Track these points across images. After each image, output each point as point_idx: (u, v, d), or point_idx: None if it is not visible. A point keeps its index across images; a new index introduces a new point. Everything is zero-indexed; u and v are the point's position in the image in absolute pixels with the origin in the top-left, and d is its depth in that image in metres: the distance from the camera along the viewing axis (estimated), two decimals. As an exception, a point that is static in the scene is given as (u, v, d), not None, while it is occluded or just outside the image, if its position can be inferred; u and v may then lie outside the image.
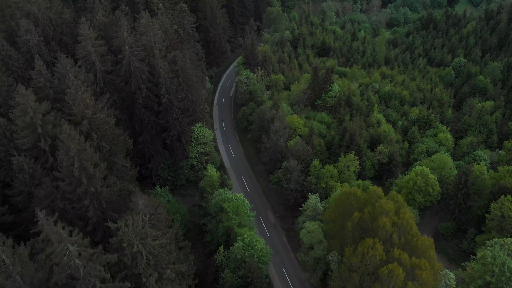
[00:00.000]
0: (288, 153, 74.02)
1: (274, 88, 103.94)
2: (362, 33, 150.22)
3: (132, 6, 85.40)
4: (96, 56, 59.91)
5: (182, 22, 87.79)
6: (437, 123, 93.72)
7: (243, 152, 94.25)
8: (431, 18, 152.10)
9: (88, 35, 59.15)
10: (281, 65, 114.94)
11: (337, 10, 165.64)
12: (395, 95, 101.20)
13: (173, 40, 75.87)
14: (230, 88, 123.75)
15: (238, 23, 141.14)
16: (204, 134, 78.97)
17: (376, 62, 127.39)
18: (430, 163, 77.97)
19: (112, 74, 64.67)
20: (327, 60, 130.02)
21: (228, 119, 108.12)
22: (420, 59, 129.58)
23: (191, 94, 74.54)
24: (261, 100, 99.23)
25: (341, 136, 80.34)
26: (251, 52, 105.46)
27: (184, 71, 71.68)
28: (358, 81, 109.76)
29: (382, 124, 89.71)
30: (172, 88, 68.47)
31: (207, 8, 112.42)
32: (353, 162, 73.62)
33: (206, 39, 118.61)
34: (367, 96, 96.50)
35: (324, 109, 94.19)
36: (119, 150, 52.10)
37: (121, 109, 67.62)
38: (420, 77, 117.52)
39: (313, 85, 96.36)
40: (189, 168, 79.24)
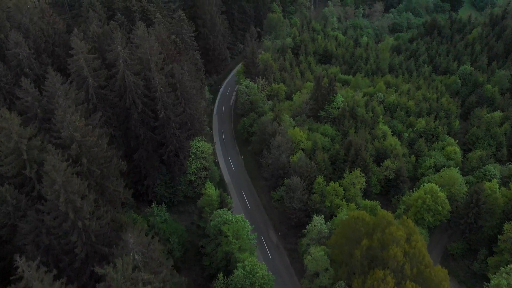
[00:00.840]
0: (290, 169, 70.79)
1: (275, 98, 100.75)
2: (365, 39, 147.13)
3: (128, 15, 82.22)
4: (88, 71, 56.68)
5: (180, 31, 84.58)
6: (444, 135, 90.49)
7: (243, 164, 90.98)
8: (435, 23, 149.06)
9: (80, 49, 55.95)
10: (283, 74, 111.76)
11: (339, 15, 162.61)
12: (400, 105, 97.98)
13: (171, 51, 72.67)
14: (230, 96, 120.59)
15: (238, 29, 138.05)
16: (203, 149, 75.69)
17: (380, 69, 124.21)
18: (439, 179, 74.75)
19: (106, 89, 61.43)
20: (330, 67, 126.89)
21: (228, 129, 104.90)
22: (424, 67, 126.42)
23: (189, 107, 71.32)
24: (262, 110, 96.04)
25: (346, 150, 77.08)
26: (252, 61, 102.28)
27: (182, 84, 68.49)
28: (362, 90, 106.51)
29: (388, 136, 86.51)
30: (169, 102, 65.24)
31: (207, 16, 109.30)
32: (359, 179, 70.34)
33: (206, 46, 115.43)
34: (371, 106, 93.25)
35: (328, 120, 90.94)
36: (112, 173, 48.84)
37: (115, 125, 64.38)
38: (426, 86, 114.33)
39: (315, 95, 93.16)
40: (187, 184, 75.91)
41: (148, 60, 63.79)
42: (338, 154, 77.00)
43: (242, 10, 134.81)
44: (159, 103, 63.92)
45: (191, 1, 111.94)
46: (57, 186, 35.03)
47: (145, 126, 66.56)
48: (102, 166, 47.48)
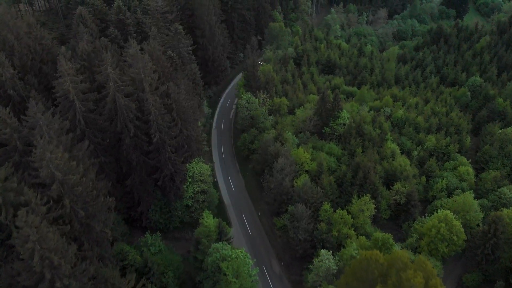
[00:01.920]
0: (294, 194, 66.10)
1: (277, 113, 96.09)
2: (369, 48, 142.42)
3: (122, 28, 77.62)
4: (75, 95, 52.02)
5: (177, 45, 80.00)
6: (456, 154, 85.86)
7: (244, 184, 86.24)
8: (441, 31, 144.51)
9: (66, 71, 51.31)
10: (285, 86, 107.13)
11: (342, 22, 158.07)
12: (409, 121, 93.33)
13: (166, 69, 68.06)
14: (230, 109, 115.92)
15: (239, 38, 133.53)
16: (201, 171, 70.95)
17: (385, 80, 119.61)
18: (453, 205, 70.17)
19: (95, 112, 56.75)
20: (333, 78, 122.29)
21: (227, 145, 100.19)
22: (432, 77, 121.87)
23: (186, 128, 66.67)
24: (263, 126, 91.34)
25: (353, 173, 72.42)
26: (253, 74, 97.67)
27: (178, 104, 63.86)
28: (367, 104, 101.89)
29: (396, 155, 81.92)
30: (164, 125, 60.57)
31: (205, 26, 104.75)
32: (368, 205, 65.67)
33: (205, 57, 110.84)
34: (379, 123, 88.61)
35: (333, 138, 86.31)
36: (99, 211, 44.17)
37: (105, 150, 59.66)
38: (434, 98, 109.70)
39: (320, 110, 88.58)
40: (183, 209, 71.14)
41: (141, 80, 59.14)
42: (345, 177, 72.33)
43: (242, 18, 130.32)
44: (153, 126, 59.28)
45: (189, 11, 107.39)
46: (31, 244, 30.46)
47: (138, 150, 61.85)
48: (88, 205, 42.80)
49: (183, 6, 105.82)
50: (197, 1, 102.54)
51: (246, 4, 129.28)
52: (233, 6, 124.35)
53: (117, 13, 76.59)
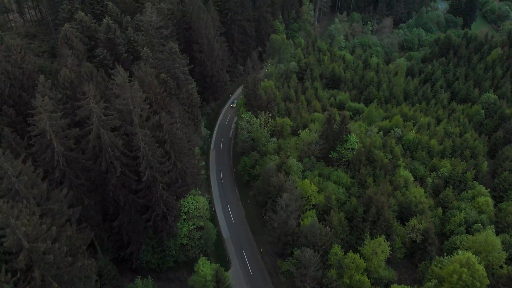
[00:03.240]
0: (301, 235, 59.75)
1: (280, 134, 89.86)
2: (375, 60, 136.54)
3: (112, 48, 71.41)
4: (53, 133, 45.71)
5: (173, 65, 73.78)
6: (473, 182, 79.58)
7: (244, 214, 79.83)
8: (450, 42, 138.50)
9: (43, 107, 45.05)
10: (287, 104, 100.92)
11: (345, 32, 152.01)
12: (421, 144, 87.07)
13: (159, 95, 61.82)
14: (229, 126, 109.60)
15: (239, 50, 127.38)
16: (197, 206, 64.63)
17: (393, 96, 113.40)
18: (473, 243, 63.83)
19: (77, 150, 50.44)
20: (338, 93, 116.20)
21: (227, 167, 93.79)
22: (442, 92, 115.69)
23: (181, 161, 60.38)
24: (265, 149, 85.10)
25: (365, 207, 66.07)
26: (253, 92, 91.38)
27: (171, 135, 57.58)
28: (376, 123, 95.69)
29: (409, 184, 75.69)
30: (155, 160, 54.30)
31: (203, 40, 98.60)
32: (383, 247, 59.33)
33: (203, 73, 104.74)
34: (390, 147, 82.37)
35: (340, 163, 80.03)
36: (77, 277, 37.88)
37: (89, 190, 53.36)
38: (446, 116, 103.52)
39: (326, 133, 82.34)
40: (178, 248, 64.79)
41: (130, 111, 52.90)
42: (356, 211, 65.98)
43: (243, 30, 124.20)
44: (142, 163, 52.97)
45: (186, 24, 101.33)
46: None
47: (126, 189, 55.54)
48: (62, 271, 36.48)
49: (180, 20, 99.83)
50: (195, 14, 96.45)
51: (247, 15, 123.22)
52: (233, 18, 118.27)
53: (106, 32, 70.39)
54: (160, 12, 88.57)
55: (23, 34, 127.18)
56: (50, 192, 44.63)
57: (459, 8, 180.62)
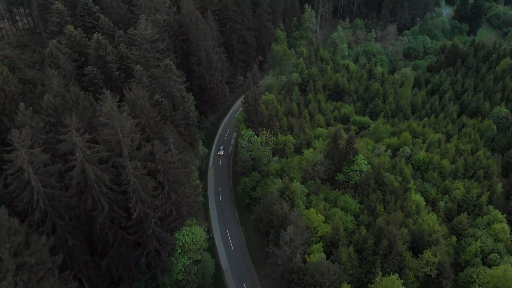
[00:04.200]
0: (307, 274, 54.75)
1: (282, 152, 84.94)
2: (379, 69, 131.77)
3: (102, 66, 66.53)
4: (32, 172, 40.85)
5: (168, 83, 68.90)
6: (489, 207, 74.76)
7: (244, 241, 74.85)
8: (457, 50, 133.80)
9: (21, 142, 40.18)
10: (290, 119, 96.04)
11: (349, 40, 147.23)
12: (432, 164, 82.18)
13: (153, 119, 56.95)
14: (229, 141, 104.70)
15: (239, 60, 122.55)
16: (194, 238, 59.69)
17: (400, 108, 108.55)
18: (491, 278, 58.99)
19: (60, 187, 45.54)
20: (342, 105, 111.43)
21: (226, 187, 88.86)
22: (451, 105, 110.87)
23: (176, 191, 55.49)
24: (266, 170, 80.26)
25: (375, 238, 61.17)
26: (254, 108, 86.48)
27: (165, 165, 52.72)
28: (384, 140, 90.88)
29: (421, 210, 70.85)
30: (146, 194, 49.42)
31: (202, 52, 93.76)
32: (396, 285, 54.38)
33: (201, 86, 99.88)
34: (399, 168, 77.53)
35: (347, 186, 75.17)
36: None
37: (75, 228, 48.47)
38: (456, 131, 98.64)
39: (331, 153, 77.55)
40: (173, 283, 59.84)
41: (119, 141, 48.05)
42: (366, 243, 61.05)
43: (243, 39, 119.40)
44: (132, 198, 48.09)
45: (183, 35, 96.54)
46: None
47: (115, 225, 50.68)
48: None
49: (177, 31, 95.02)
50: (192, 26, 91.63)
51: (247, 24, 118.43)
52: (232, 27, 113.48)
53: (96, 48, 65.53)
54: (155, 24, 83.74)
55: (14, 44, 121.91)
56: (29, 237, 39.84)
57: (465, 14, 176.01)
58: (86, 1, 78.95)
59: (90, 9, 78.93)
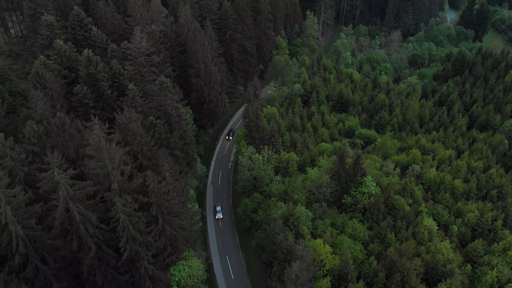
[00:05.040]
0: (314, 314, 50.42)
1: (285, 171, 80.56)
2: (384, 78, 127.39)
3: (93, 84, 62.06)
4: (11, 213, 36.42)
5: (163, 102, 64.46)
6: (503, 231, 70.37)
7: (245, 269, 70.36)
8: (464, 59, 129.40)
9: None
10: (292, 134, 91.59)
11: (352, 48, 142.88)
12: (444, 184, 77.74)
13: (146, 144, 52.52)
14: (228, 156, 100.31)
15: (239, 70, 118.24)
16: (191, 272, 55.33)
17: (407, 121, 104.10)
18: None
19: (43, 227, 41.11)
20: (346, 117, 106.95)
21: (226, 207, 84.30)
22: (459, 117, 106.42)
23: (171, 225, 51.11)
24: (268, 191, 75.88)
25: (387, 271, 56.78)
26: (255, 124, 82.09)
27: (158, 196, 48.32)
28: (391, 157, 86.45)
29: (434, 236, 66.42)
30: (138, 231, 44.99)
31: (200, 65, 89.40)
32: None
33: (199, 99, 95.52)
34: (410, 189, 73.11)
35: (355, 209, 70.74)
36: None
37: (60, 269, 44.01)
38: (466, 146, 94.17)
39: (338, 173, 73.16)
40: (169, 320, 55.52)
41: (108, 174, 43.64)
42: (377, 276, 56.65)
43: (243, 48, 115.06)
44: (122, 237, 43.66)
45: (181, 46, 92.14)
46: None
47: (105, 263, 46.23)
48: None
49: (174, 42, 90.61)
50: (190, 37, 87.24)
51: (247, 33, 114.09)
52: (232, 36, 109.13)
53: (87, 66, 61.08)
54: (151, 36, 79.42)
55: (6, 54, 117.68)
56: (9, 285, 35.48)
57: (470, 19, 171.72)
58: (78, 12, 74.48)
59: (81, 21, 74.53)
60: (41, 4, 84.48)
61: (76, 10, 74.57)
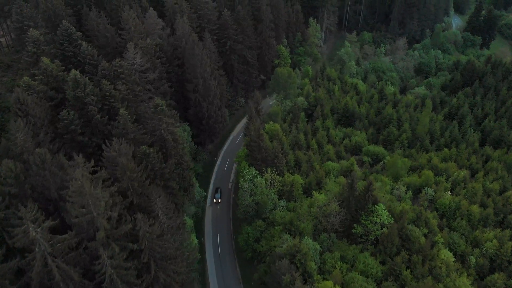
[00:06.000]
0: None
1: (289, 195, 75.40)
2: (391, 89, 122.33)
3: (81, 108, 56.75)
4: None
5: (158, 125, 59.21)
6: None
7: (247, 303, 65.40)
8: (474, 69, 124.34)
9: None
10: (297, 153, 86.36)
11: (357, 56, 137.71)
12: (460, 210, 72.57)
13: (137, 180, 47.28)
14: (229, 174, 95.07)
15: (239, 81, 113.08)
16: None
17: (416, 136, 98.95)
18: None
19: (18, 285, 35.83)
20: (352, 132, 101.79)
21: (225, 233, 79.00)
22: (471, 132, 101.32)
23: (164, 271, 45.89)
24: (272, 218, 70.67)
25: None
26: (257, 144, 76.81)
27: (150, 241, 43.11)
28: (403, 179, 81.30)
29: (451, 269, 61.28)
30: (127, 286, 39.70)
31: (198, 80, 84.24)
32: None
33: (198, 115, 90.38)
34: (424, 218, 67.91)
35: (366, 240, 65.51)
36: None
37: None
38: (480, 165, 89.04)
39: (347, 201, 67.96)
40: None
41: (93, 220, 38.39)
42: (391, 321, 51.58)
43: (243, 59, 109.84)
44: (110, 294, 38.42)
45: (178, 60, 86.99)
46: None
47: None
48: None
49: (171, 55, 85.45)
50: (188, 51, 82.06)
51: (248, 42, 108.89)
52: (233, 47, 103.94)
53: (74, 88, 55.84)
54: (145, 51, 74.23)
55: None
56: None
57: (478, 26, 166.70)
58: (66, 27, 69.20)
59: (70, 36, 69.25)
60: (29, 17, 79.24)
61: (65, 24, 69.28)
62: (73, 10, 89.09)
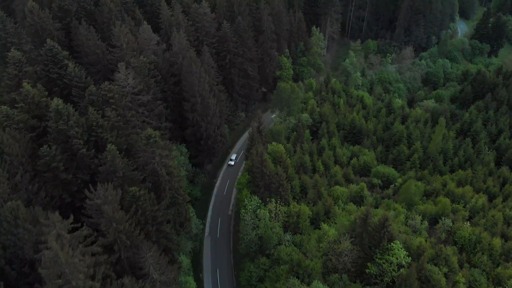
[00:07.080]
0: None
1: (296, 227, 69.43)
2: (399, 102, 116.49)
3: (64, 141, 50.38)
4: None
5: (152, 158, 53.10)
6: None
7: None
8: (485, 80, 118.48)
9: None
10: (302, 177, 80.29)
11: (362, 67, 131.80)
12: (481, 244, 66.70)
13: (124, 232, 41.16)
14: (229, 198, 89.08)
15: (240, 96, 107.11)
16: None
17: (428, 155, 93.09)
18: None
19: None
20: (360, 150, 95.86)
21: (225, 268, 73.07)
22: (485, 150, 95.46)
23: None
24: (277, 256, 64.63)
25: None
26: (260, 170, 70.89)
27: None
28: (417, 207, 75.40)
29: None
30: None
31: (196, 98, 78.22)
32: None
33: (196, 135, 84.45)
34: (445, 256, 61.92)
35: (381, 282, 59.53)
36: None
37: None
38: (498, 188, 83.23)
39: (360, 237, 62.03)
40: None
41: None
42: None
43: (244, 73, 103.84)
44: None
45: (175, 77, 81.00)
46: None
47: None
48: None
49: (167, 73, 79.46)
50: (185, 68, 76.02)
51: (248, 55, 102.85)
52: (233, 61, 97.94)
53: (56, 120, 49.79)
54: (138, 71, 68.12)
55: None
56: None
57: (486, 33, 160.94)
58: (51, 46, 63.03)
59: (55, 56, 63.10)
60: (13, 33, 72.95)
61: (49, 43, 63.09)
62: (62, 24, 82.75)
